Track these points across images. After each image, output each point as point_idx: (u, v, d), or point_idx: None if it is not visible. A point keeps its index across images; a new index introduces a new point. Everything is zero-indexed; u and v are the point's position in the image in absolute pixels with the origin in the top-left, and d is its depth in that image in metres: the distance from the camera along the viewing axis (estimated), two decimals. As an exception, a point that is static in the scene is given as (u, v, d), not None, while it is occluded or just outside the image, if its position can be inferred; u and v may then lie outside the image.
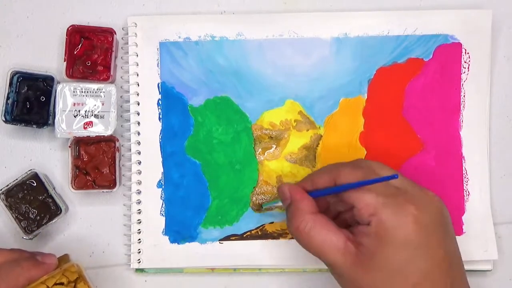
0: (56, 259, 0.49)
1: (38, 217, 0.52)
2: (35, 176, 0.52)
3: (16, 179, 0.52)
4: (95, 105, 0.52)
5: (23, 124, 0.52)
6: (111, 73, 0.53)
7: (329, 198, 0.48)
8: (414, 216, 0.41)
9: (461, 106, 0.54)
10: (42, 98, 0.52)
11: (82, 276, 0.48)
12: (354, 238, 0.43)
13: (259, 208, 0.54)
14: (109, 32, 0.53)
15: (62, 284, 0.47)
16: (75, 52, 0.53)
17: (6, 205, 0.52)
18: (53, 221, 0.52)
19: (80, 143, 0.53)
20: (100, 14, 0.55)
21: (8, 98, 0.52)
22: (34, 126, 0.52)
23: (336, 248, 0.43)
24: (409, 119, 0.54)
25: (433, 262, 0.42)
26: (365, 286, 0.42)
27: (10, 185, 0.52)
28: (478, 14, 0.54)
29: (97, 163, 0.53)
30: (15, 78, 0.52)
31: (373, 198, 0.42)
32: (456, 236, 0.44)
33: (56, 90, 0.52)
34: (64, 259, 0.51)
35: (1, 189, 0.52)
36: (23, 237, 0.51)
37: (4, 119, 0.51)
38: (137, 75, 0.54)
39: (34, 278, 0.46)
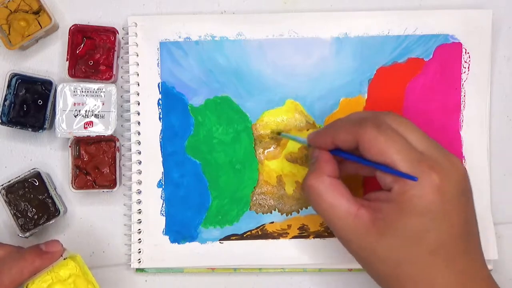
0: (61, 245, 0.47)
1: (36, 216, 0.52)
2: (38, 175, 0.52)
3: (19, 176, 0.52)
4: (95, 105, 0.52)
5: (18, 127, 0.52)
6: (114, 72, 0.53)
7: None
8: (437, 185, 0.41)
9: (461, 106, 0.54)
10: (40, 102, 0.52)
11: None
12: (369, 205, 0.43)
13: (275, 135, 0.54)
14: (112, 31, 0.53)
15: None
16: (77, 52, 0.53)
17: (5, 201, 0.52)
18: (50, 222, 0.52)
19: (80, 143, 0.53)
20: (100, 13, 0.55)
21: (5, 99, 0.51)
22: (30, 129, 0.52)
23: (347, 213, 0.43)
24: (409, 119, 0.54)
25: (451, 231, 0.42)
26: (379, 252, 0.42)
27: (11, 181, 0.52)
28: (478, 14, 0.54)
29: (97, 163, 0.53)
30: (13, 80, 0.52)
31: (397, 164, 0.42)
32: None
33: (54, 94, 0.52)
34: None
35: (2, 184, 0.52)
36: (18, 235, 0.51)
37: (0, 121, 0.51)
38: (138, 75, 0.54)
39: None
